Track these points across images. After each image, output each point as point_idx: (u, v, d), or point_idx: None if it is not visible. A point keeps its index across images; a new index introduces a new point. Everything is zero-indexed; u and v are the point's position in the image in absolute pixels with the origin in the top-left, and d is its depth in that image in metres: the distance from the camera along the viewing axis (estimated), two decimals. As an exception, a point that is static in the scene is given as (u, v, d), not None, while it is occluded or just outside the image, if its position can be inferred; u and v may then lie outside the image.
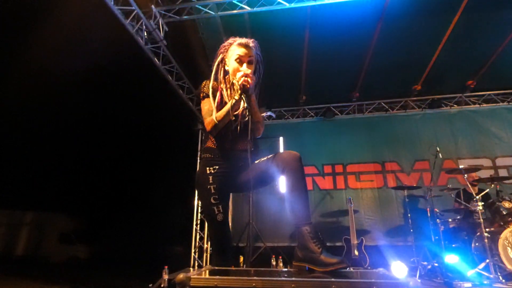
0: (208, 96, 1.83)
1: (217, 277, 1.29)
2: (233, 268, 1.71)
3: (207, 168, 1.84)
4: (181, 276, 1.29)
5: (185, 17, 4.11)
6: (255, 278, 1.22)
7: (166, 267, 3.92)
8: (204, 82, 1.88)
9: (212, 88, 1.82)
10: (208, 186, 1.81)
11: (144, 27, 3.97)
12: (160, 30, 4.10)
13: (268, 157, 1.76)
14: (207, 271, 1.52)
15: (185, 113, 6.28)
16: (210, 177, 1.82)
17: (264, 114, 2.08)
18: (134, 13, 3.79)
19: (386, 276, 1.35)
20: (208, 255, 6.05)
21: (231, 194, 1.96)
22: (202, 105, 1.84)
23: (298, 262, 1.53)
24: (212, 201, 1.81)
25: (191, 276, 1.26)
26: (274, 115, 2.06)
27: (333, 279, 1.21)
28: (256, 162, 1.83)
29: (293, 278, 1.23)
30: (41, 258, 12.28)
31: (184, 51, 4.85)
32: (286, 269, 1.64)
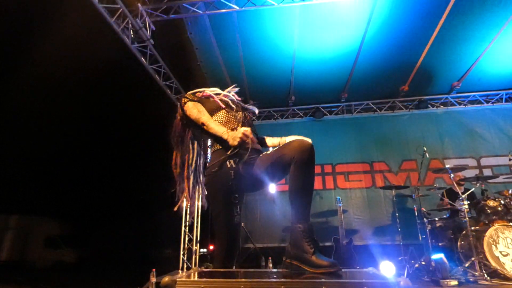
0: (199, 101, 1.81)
1: (204, 279, 1.25)
2: (221, 270, 1.66)
3: (228, 161, 1.65)
4: (166, 279, 1.25)
5: (173, 16, 4.05)
6: (243, 280, 1.19)
7: (153, 270, 3.84)
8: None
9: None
10: (230, 183, 1.61)
11: (130, 25, 3.89)
12: (146, 29, 4.03)
13: (278, 147, 1.61)
14: (195, 273, 1.48)
15: (173, 114, 6.18)
16: (232, 172, 1.62)
17: (253, 108, 2.03)
18: (120, 11, 3.71)
19: (376, 275, 1.34)
20: (198, 256, 5.97)
21: None
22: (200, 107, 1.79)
23: (289, 259, 1.47)
24: (233, 200, 1.63)
25: (177, 279, 1.22)
26: (256, 112, 2.03)
27: (323, 280, 1.19)
28: (265, 153, 1.67)
29: (283, 279, 1.20)
30: (27, 263, 11.94)
31: (172, 51, 4.78)
32: (275, 270, 1.61)
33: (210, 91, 1.92)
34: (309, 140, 1.58)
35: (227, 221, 1.67)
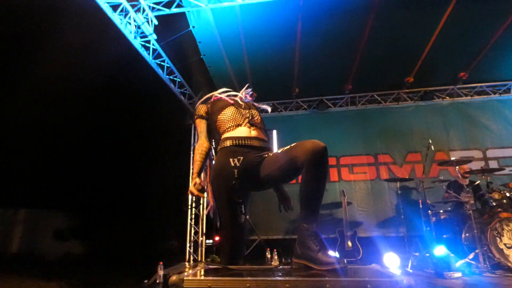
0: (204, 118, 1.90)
1: (210, 278, 1.28)
2: (227, 267, 1.69)
3: (231, 160, 1.63)
4: (174, 277, 1.28)
5: (175, 9, 4.02)
6: (249, 278, 1.22)
7: (161, 263, 3.91)
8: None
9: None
10: (233, 182, 1.61)
11: (132, 20, 3.87)
12: (149, 23, 4.01)
13: (291, 146, 1.58)
14: (201, 271, 1.51)
15: (177, 108, 6.21)
16: (236, 170, 1.61)
17: (265, 108, 2.14)
18: (121, 6, 3.69)
19: (380, 273, 1.36)
20: (203, 249, 6.07)
21: None
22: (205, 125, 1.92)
23: (297, 259, 1.50)
24: (237, 199, 1.62)
25: (184, 278, 1.25)
26: (269, 110, 2.12)
27: (327, 278, 1.21)
28: (276, 152, 1.65)
29: (287, 278, 1.22)
30: (36, 256, 12.17)
31: (174, 45, 4.77)
32: (280, 267, 1.63)
33: (218, 93, 1.98)
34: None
35: (231, 220, 1.66)
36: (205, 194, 1.87)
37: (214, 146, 1.90)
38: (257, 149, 1.72)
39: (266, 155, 1.69)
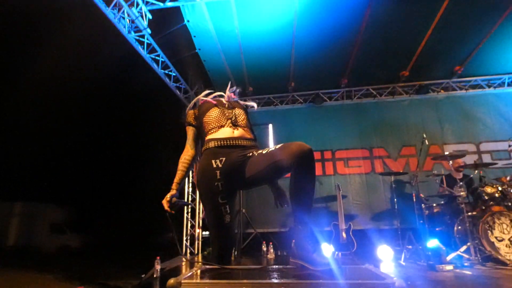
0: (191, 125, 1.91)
1: (207, 280, 1.31)
2: (223, 267, 1.71)
3: (213, 161, 1.65)
4: (171, 281, 1.31)
5: (169, 3, 3.96)
6: (245, 281, 1.25)
7: (158, 257, 3.95)
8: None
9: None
10: (216, 183, 1.62)
11: (126, 15, 3.82)
12: (143, 18, 3.96)
13: (276, 147, 1.57)
14: (198, 272, 1.54)
15: (172, 102, 6.18)
16: (218, 171, 1.63)
17: (252, 104, 2.14)
18: (115, 1, 3.63)
19: (373, 274, 1.39)
20: (200, 242, 6.13)
21: None
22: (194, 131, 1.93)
23: (294, 259, 1.52)
24: (220, 200, 1.63)
25: (182, 281, 1.28)
26: (255, 106, 2.14)
27: (321, 281, 1.24)
28: (261, 152, 1.65)
29: (283, 280, 1.25)
30: (33, 248, 12.21)
31: (169, 39, 4.72)
32: (276, 267, 1.66)
33: (203, 97, 1.98)
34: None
35: (217, 221, 1.68)
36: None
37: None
38: (241, 149, 1.72)
39: (251, 154, 1.69)
